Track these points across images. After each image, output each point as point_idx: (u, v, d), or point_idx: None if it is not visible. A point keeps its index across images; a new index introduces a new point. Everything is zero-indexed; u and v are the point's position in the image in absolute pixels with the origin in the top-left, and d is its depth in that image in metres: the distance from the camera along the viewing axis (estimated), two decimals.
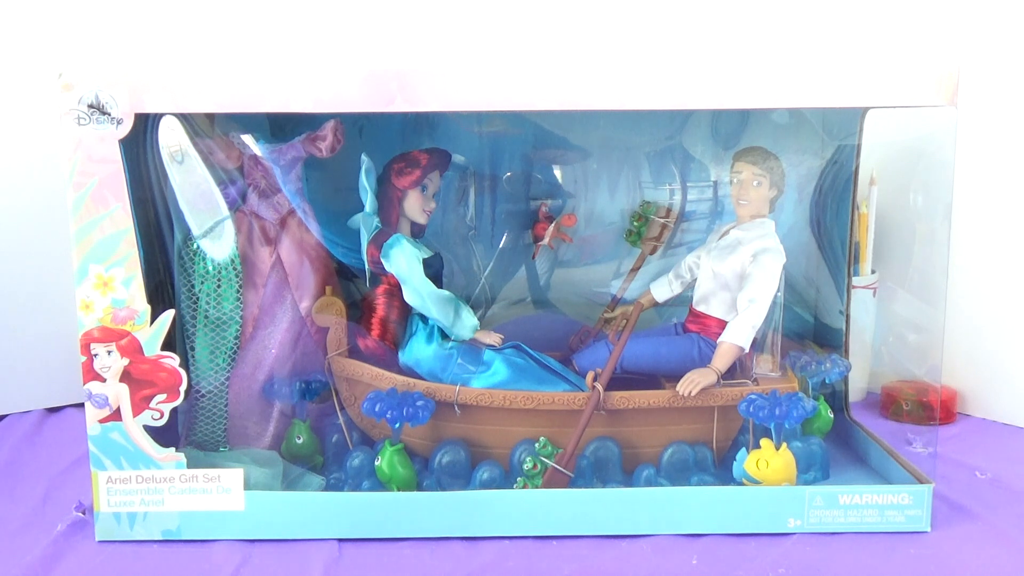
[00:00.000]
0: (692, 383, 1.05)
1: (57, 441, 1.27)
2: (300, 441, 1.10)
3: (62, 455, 1.21)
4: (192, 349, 1.06)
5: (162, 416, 0.96)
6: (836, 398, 1.25)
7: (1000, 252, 1.33)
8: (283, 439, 1.10)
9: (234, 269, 1.06)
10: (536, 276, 1.28)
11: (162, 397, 0.96)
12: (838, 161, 1.22)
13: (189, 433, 1.08)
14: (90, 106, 0.90)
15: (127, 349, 0.95)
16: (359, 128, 1.13)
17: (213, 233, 1.05)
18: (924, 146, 1.09)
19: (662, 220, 1.22)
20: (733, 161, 1.10)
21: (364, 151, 1.07)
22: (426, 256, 1.10)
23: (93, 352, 0.94)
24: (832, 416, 1.15)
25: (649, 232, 1.23)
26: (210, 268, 1.05)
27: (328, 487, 1.05)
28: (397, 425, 1.02)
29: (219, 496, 0.97)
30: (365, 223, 1.10)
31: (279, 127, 1.08)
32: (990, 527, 1.00)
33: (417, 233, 1.13)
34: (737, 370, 1.10)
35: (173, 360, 0.96)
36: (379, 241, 1.08)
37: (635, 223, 1.23)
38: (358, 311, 1.13)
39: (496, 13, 1.44)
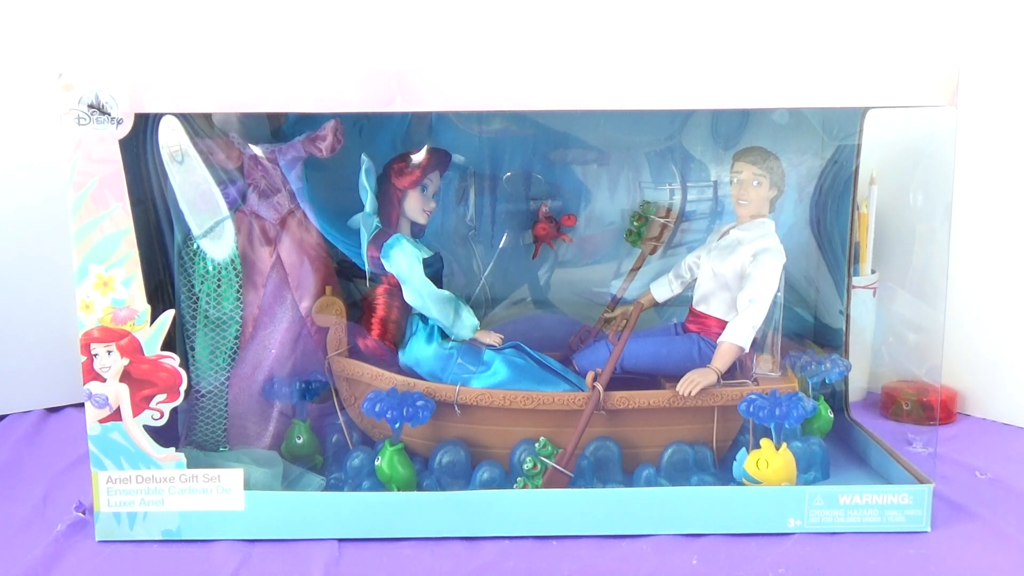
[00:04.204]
0: (692, 383, 1.05)
1: (57, 441, 1.27)
2: (300, 441, 1.10)
3: (62, 455, 1.21)
4: (192, 349, 1.06)
5: (162, 416, 0.96)
6: (836, 398, 1.25)
7: (1000, 252, 1.33)
8: (283, 439, 1.10)
9: (234, 269, 1.06)
10: (536, 276, 1.28)
11: (162, 397, 0.96)
12: (838, 161, 1.22)
13: (189, 433, 1.08)
14: (90, 106, 0.90)
15: (127, 349, 0.95)
16: (359, 128, 1.13)
17: (213, 233, 1.05)
18: (924, 146, 1.09)
19: (662, 220, 1.22)
20: (733, 161, 1.10)
21: (364, 151, 1.07)
22: (426, 256, 1.10)
23: (93, 352, 0.94)
24: (832, 416, 1.15)
25: (649, 232, 1.23)
26: (210, 268, 1.05)
27: (328, 487, 1.05)
28: (397, 425, 1.02)
29: (219, 496, 0.97)
30: (365, 223, 1.10)
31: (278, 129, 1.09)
32: (990, 527, 1.00)
33: (417, 233, 1.13)
34: (737, 370, 1.10)
35: (173, 360, 0.96)
36: (379, 241, 1.08)
37: (635, 223, 1.23)
38: (358, 311, 1.12)
39: (496, 13, 1.44)
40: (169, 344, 0.96)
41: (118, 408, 0.96)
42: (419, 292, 1.08)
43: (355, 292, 1.16)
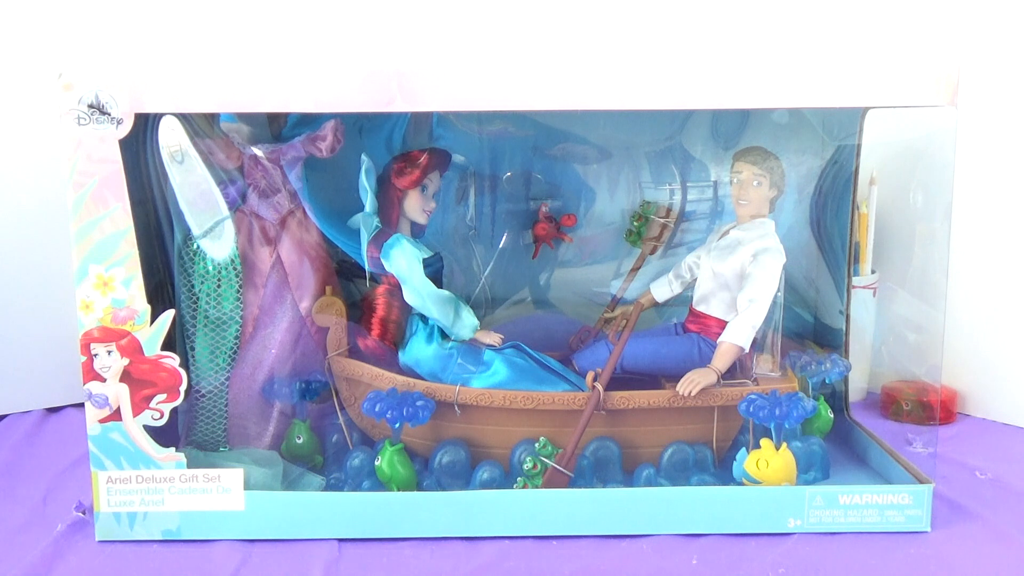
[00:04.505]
0: (692, 383, 1.05)
1: (57, 441, 1.27)
2: (300, 441, 1.10)
3: (62, 455, 1.21)
4: (192, 349, 1.06)
5: (162, 416, 0.96)
6: (836, 398, 1.25)
7: (1000, 252, 1.33)
8: (283, 439, 1.10)
9: (234, 269, 1.06)
10: (536, 276, 1.28)
11: (162, 397, 0.96)
12: (838, 161, 1.22)
13: (189, 433, 1.08)
14: (90, 106, 0.90)
15: (127, 349, 0.95)
16: (359, 128, 1.13)
17: (213, 233, 1.05)
18: (924, 146, 1.09)
19: (662, 220, 1.22)
20: (733, 161, 1.10)
21: (364, 151, 1.07)
22: (426, 256, 1.10)
23: (93, 352, 0.95)
24: (832, 416, 1.15)
25: (649, 232, 1.23)
26: (210, 268, 1.05)
27: (328, 487, 1.05)
28: (397, 425, 1.02)
29: (219, 496, 0.97)
30: (365, 223, 1.10)
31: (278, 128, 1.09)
32: (990, 527, 1.00)
33: (417, 233, 1.13)
34: (737, 370, 1.10)
35: (173, 360, 0.96)
36: (379, 241, 1.09)
37: (635, 223, 1.23)
38: (358, 311, 1.12)
39: (496, 13, 1.44)
40: (169, 344, 0.96)
41: (118, 408, 0.96)
42: (419, 292, 1.08)
43: (355, 292, 1.16)
